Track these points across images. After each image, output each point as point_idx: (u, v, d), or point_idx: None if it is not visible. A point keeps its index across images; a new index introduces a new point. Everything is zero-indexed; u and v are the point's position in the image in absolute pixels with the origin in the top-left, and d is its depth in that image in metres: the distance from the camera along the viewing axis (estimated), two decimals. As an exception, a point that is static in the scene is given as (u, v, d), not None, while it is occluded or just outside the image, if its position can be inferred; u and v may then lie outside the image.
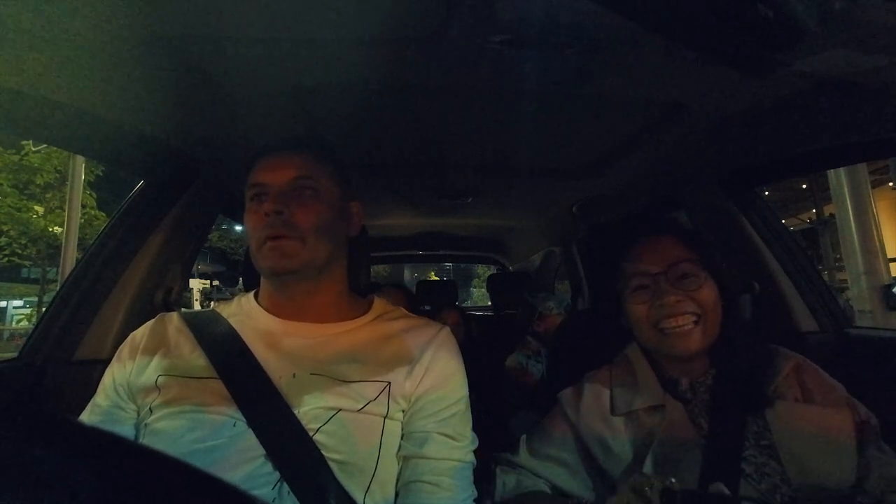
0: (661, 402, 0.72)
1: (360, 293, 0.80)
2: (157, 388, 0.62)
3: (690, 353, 0.72)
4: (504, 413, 1.63)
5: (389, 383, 0.64)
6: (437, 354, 0.68)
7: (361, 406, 0.61)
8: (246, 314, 0.71)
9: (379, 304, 0.76)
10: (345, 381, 0.62)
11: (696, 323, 0.71)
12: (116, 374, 0.67)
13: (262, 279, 0.73)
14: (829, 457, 0.63)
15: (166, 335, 0.69)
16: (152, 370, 0.64)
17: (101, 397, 0.66)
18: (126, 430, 0.64)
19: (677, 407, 0.71)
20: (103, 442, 0.19)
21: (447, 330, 0.74)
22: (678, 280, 0.72)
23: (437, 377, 0.67)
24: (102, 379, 0.68)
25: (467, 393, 0.70)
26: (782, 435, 0.65)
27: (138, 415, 0.65)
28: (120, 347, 0.71)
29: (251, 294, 0.75)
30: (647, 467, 0.67)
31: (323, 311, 0.71)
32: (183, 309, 0.95)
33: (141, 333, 0.71)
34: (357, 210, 0.77)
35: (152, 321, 0.73)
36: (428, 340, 0.70)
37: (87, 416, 0.66)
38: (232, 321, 0.70)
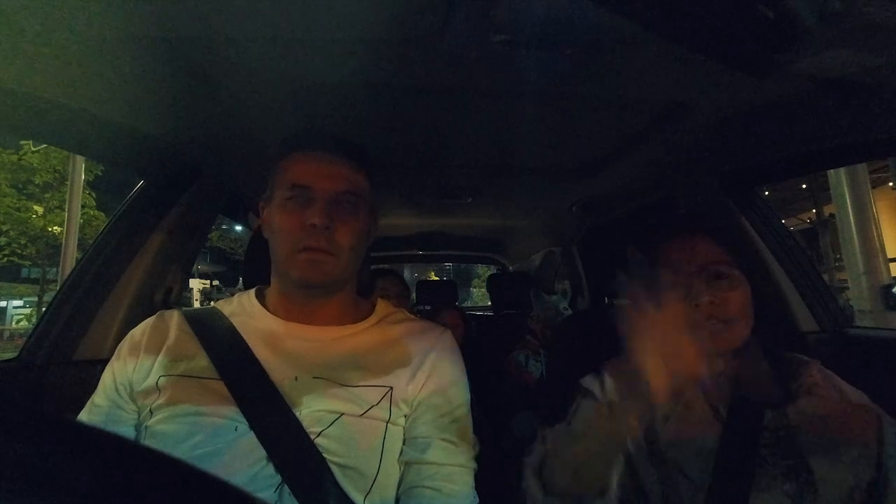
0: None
1: (362, 293, 0.80)
2: (157, 388, 0.62)
3: (721, 353, 0.71)
4: (504, 413, 1.63)
5: (391, 388, 0.64)
6: (438, 360, 0.68)
7: (364, 411, 0.61)
8: (248, 314, 0.71)
9: (381, 306, 0.76)
10: (347, 386, 0.62)
11: (725, 325, 0.70)
12: (117, 373, 0.66)
13: (272, 281, 0.72)
14: (852, 449, 0.64)
15: (167, 333, 0.68)
16: (154, 370, 0.64)
17: (101, 397, 0.65)
18: (126, 431, 0.63)
19: (696, 392, 0.72)
20: (104, 442, 0.19)
21: (449, 334, 0.74)
22: (712, 279, 0.71)
23: (438, 383, 0.67)
24: (102, 378, 0.67)
25: (469, 398, 0.70)
26: (807, 425, 0.66)
27: (138, 416, 0.64)
28: (119, 345, 0.69)
29: (252, 292, 0.74)
30: (664, 444, 0.68)
31: (329, 315, 0.70)
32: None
33: (141, 331, 0.69)
34: (375, 220, 0.76)
35: (152, 318, 0.71)
36: (430, 345, 0.70)
37: (85, 417, 0.65)
38: (233, 320, 0.69)
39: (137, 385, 0.64)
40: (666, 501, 0.65)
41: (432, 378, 0.66)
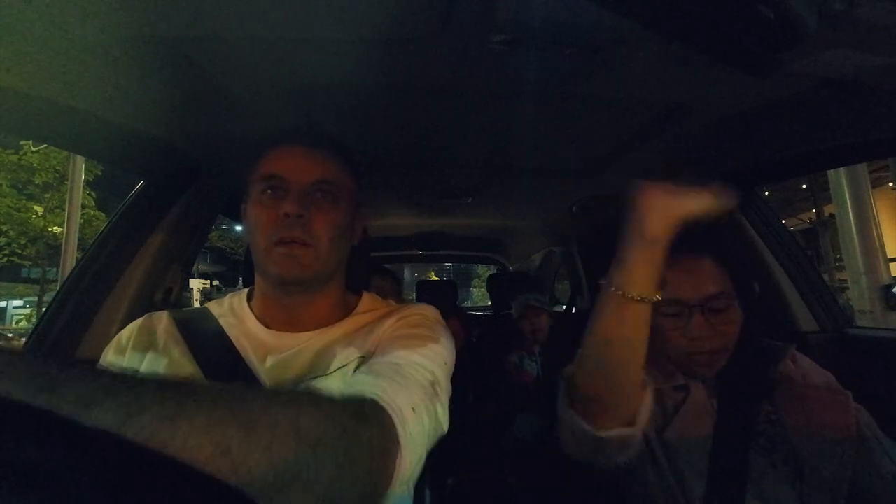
0: (685, 382, 0.75)
1: (357, 292, 0.79)
2: None
3: (709, 376, 0.76)
4: (504, 413, 1.63)
5: (363, 356, 0.62)
6: (407, 314, 0.67)
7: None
8: (237, 317, 0.69)
9: (367, 298, 0.75)
10: (326, 375, 0.61)
11: (715, 355, 0.74)
12: None
13: (256, 280, 0.70)
14: (831, 432, 0.68)
15: (154, 337, 0.66)
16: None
17: None
18: None
19: (699, 387, 0.75)
20: (105, 443, 0.19)
21: (430, 307, 0.72)
22: (711, 314, 0.73)
23: (404, 324, 0.65)
24: None
25: (446, 358, 0.62)
26: (790, 412, 0.71)
27: None
28: (105, 349, 0.67)
29: (244, 294, 0.73)
30: (670, 434, 0.71)
31: (315, 318, 0.69)
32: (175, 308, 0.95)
33: (128, 335, 0.67)
34: (361, 218, 0.76)
35: (140, 321, 0.69)
36: (398, 315, 0.68)
37: None
38: (222, 322, 0.68)
39: None
40: (675, 490, 0.68)
41: (399, 323, 0.65)
